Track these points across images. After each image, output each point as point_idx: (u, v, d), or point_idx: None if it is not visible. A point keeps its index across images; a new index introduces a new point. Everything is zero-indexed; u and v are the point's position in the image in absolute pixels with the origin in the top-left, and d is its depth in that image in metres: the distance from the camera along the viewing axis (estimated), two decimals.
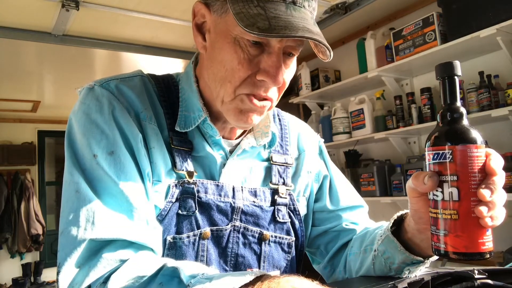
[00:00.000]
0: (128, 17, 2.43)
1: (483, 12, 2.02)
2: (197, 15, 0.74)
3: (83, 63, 3.34)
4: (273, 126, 0.85)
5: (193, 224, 0.73)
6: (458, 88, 0.56)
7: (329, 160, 0.98)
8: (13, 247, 4.86)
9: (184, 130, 0.75)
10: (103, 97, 0.70)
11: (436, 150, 0.53)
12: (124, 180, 0.65)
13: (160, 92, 0.78)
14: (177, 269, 0.54)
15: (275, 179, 0.84)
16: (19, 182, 5.00)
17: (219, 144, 0.78)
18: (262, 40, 0.65)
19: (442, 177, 0.53)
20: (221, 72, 0.69)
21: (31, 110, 4.87)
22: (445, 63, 0.56)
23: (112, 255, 0.59)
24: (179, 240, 0.71)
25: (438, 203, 0.54)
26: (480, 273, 0.67)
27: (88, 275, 0.58)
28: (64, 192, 0.66)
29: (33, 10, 2.26)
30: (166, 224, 0.71)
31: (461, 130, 0.53)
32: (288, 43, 0.67)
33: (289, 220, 0.84)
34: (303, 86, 3.21)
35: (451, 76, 0.55)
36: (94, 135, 0.67)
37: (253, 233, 0.79)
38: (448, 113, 0.54)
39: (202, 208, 0.74)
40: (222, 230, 0.76)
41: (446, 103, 0.55)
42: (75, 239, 0.60)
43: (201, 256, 0.73)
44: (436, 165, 0.53)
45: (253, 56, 0.67)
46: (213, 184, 0.76)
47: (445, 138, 0.53)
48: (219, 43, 0.69)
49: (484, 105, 2.10)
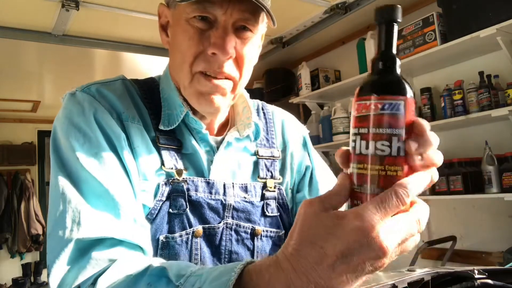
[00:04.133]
0: (128, 17, 2.43)
1: (483, 12, 2.02)
2: (161, 16, 0.80)
3: (83, 63, 3.34)
4: (255, 117, 0.86)
5: (184, 223, 0.73)
6: (396, 36, 0.49)
7: (313, 151, 0.98)
8: (13, 247, 4.86)
9: (168, 128, 0.76)
10: (84, 101, 0.72)
11: (391, 100, 0.45)
12: (109, 180, 0.65)
13: (143, 94, 0.79)
14: (165, 269, 0.54)
15: (262, 173, 0.85)
16: (19, 182, 5.00)
17: (206, 140, 0.79)
18: (207, 14, 0.69)
19: (391, 130, 0.45)
20: (179, 58, 0.74)
21: (31, 110, 4.87)
22: (386, 7, 0.49)
23: (101, 254, 0.59)
24: (171, 239, 0.72)
25: (384, 159, 0.45)
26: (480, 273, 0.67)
27: (77, 276, 0.58)
28: (50, 197, 0.66)
29: (33, 10, 2.25)
30: (158, 224, 0.71)
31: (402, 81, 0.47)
32: (234, 15, 0.70)
33: (278, 214, 0.85)
34: (303, 86, 3.21)
35: (391, 21, 0.49)
36: (77, 137, 0.68)
37: (246, 229, 0.80)
38: (381, 62, 0.48)
39: (193, 206, 0.75)
40: (214, 228, 0.76)
41: (380, 51, 0.49)
42: (62, 240, 0.60)
43: (194, 254, 0.73)
44: (388, 116, 0.45)
45: (202, 31, 0.71)
46: (204, 181, 0.77)
47: (403, 87, 0.46)
48: (175, 31, 0.75)
49: (484, 105, 2.10)
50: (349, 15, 2.60)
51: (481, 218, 2.31)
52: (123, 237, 0.62)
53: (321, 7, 2.56)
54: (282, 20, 2.74)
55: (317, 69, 3.19)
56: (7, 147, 5.05)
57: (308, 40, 3.03)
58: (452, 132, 2.45)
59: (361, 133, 0.46)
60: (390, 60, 0.48)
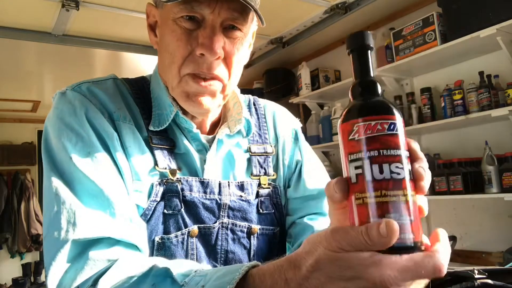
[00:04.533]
0: (128, 17, 2.43)
1: (483, 12, 2.02)
2: (149, 16, 0.79)
3: (83, 63, 3.34)
4: (246, 113, 0.84)
5: (180, 223, 0.73)
6: (370, 61, 0.47)
7: (305, 146, 0.95)
8: (13, 247, 4.86)
9: (159, 128, 0.75)
10: (75, 100, 0.71)
11: (389, 120, 0.43)
12: (103, 180, 0.64)
13: (135, 94, 0.78)
14: (169, 269, 0.54)
15: (255, 170, 0.84)
16: (19, 182, 5.00)
17: (198, 139, 0.78)
18: (194, 14, 0.68)
19: (399, 151, 0.42)
20: (167, 58, 0.72)
21: (31, 110, 4.87)
22: (355, 34, 0.47)
23: (99, 254, 0.58)
24: (167, 240, 0.71)
25: (402, 182, 0.41)
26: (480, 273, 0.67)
27: (75, 278, 0.57)
28: (44, 198, 0.65)
29: (33, 10, 2.25)
30: (153, 225, 0.71)
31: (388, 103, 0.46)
32: (222, 15, 0.68)
33: (272, 211, 0.84)
34: (303, 86, 3.21)
35: (362, 47, 0.47)
36: (69, 137, 0.67)
37: (242, 228, 0.79)
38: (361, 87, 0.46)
39: (187, 207, 0.74)
40: (210, 228, 0.75)
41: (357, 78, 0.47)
42: (58, 241, 0.59)
43: (190, 254, 0.73)
44: (392, 136, 0.43)
45: (190, 31, 0.69)
46: (198, 181, 0.76)
47: (394, 108, 0.44)
48: (163, 31, 0.73)
49: (484, 105, 2.10)
50: (349, 15, 2.60)
51: (481, 218, 2.31)
52: (120, 237, 0.61)
53: (321, 7, 2.56)
54: (282, 20, 2.74)
55: (317, 69, 3.19)
56: (7, 147, 5.04)
57: (308, 40, 3.03)
58: (452, 132, 2.45)
59: (371, 156, 0.42)
60: (374, 84, 0.47)
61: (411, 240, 0.41)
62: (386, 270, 0.39)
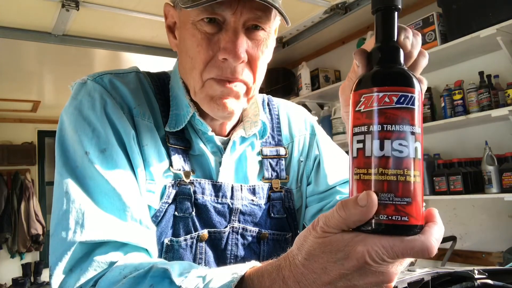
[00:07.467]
0: (128, 17, 2.43)
1: (483, 12, 2.02)
2: (168, 17, 0.75)
3: (83, 63, 3.34)
4: (263, 115, 0.81)
5: (190, 226, 0.71)
6: (396, 24, 0.44)
7: (323, 138, 0.92)
8: (13, 247, 4.86)
9: (175, 129, 0.73)
10: (95, 92, 0.69)
11: (400, 92, 0.40)
12: (117, 179, 0.63)
13: (156, 90, 0.76)
14: (167, 270, 0.53)
15: (267, 173, 0.82)
16: (19, 182, 5.00)
17: (212, 141, 0.76)
18: (215, 16, 0.65)
19: (406, 126, 0.39)
20: (188, 63, 0.69)
21: (31, 110, 4.87)
22: None
23: (103, 257, 0.58)
24: (176, 243, 0.70)
25: (403, 161, 0.39)
26: (480, 273, 0.67)
27: (79, 278, 0.57)
28: (54, 194, 0.64)
29: (33, 10, 2.25)
30: (163, 227, 0.70)
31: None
32: (244, 15, 0.65)
33: (284, 215, 0.82)
34: (303, 86, 3.21)
35: (389, 6, 0.44)
36: (86, 132, 0.65)
37: (252, 233, 0.78)
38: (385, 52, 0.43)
39: (199, 210, 0.73)
40: (220, 233, 0.74)
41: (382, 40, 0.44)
42: (65, 242, 0.58)
43: (199, 259, 0.72)
44: (400, 111, 0.39)
45: (210, 35, 0.66)
46: (211, 183, 0.75)
47: (413, 79, 0.41)
48: (183, 34, 0.70)
49: (484, 105, 2.10)
50: (349, 15, 2.60)
51: (481, 218, 2.31)
52: (126, 240, 0.60)
53: (321, 7, 2.56)
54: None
55: (317, 69, 3.19)
56: (7, 147, 5.04)
57: (308, 40, 3.03)
58: (452, 132, 2.45)
59: (373, 130, 0.40)
60: (394, 50, 0.43)
61: (406, 222, 0.39)
62: (370, 246, 0.39)
